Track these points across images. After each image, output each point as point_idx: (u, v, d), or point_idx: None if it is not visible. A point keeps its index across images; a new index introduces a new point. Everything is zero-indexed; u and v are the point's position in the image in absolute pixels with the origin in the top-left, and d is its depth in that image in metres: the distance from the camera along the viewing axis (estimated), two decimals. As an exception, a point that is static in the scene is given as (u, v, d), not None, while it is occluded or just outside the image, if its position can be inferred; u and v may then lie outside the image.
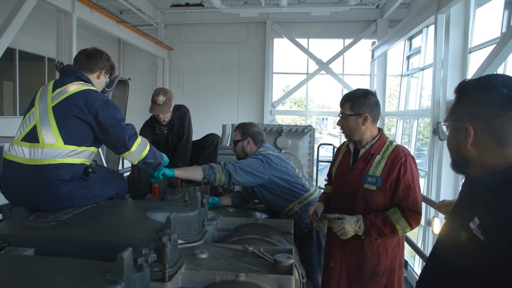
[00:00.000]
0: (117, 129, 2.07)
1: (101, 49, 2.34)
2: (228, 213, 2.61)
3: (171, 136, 3.68)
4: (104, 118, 2.03)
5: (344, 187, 2.39)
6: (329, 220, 2.20)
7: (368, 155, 2.32)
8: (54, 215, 1.73)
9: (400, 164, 2.21)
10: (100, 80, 2.31)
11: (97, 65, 2.25)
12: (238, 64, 13.78)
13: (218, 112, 13.64)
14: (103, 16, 9.69)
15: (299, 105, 17.85)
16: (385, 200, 2.25)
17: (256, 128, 3.09)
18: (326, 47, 13.55)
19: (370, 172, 2.27)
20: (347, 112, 2.33)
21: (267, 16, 13.07)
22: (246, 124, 3.11)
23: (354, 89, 2.41)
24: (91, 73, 2.25)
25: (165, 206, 1.85)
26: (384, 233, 2.18)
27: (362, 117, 2.28)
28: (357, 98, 2.31)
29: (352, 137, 2.36)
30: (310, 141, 6.38)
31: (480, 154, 1.17)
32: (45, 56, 10.55)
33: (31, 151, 1.94)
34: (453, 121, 1.24)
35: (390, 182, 2.23)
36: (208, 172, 2.63)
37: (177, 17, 13.47)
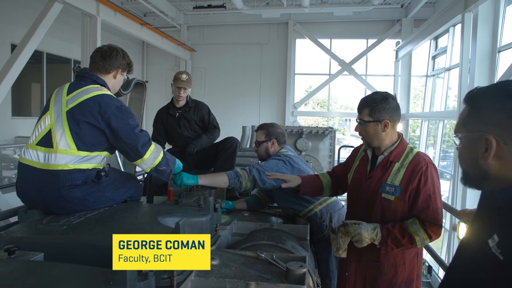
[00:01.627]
0: (130, 136, 2.03)
1: (117, 47, 2.28)
2: (243, 217, 2.57)
3: (183, 122, 3.83)
4: (117, 125, 2.00)
5: (360, 194, 2.27)
6: (345, 225, 2.11)
7: (386, 163, 2.20)
8: (67, 219, 1.73)
9: (421, 173, 2.09)
10: (117, 79, 2.27)
11: (113, 64, 2.19)
12: (260, 65, 13.77)
13: (240, 113, 13.66)
14: (127, 18, 9.84)
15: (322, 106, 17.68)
16: (403, 210, 2.14)
17: (280, 129, 3.05)
18: (349, 48, 13.36)
19: (388, 181, 2.16)
20: (365, 118, 2.19)
21: (289, 16, 13.00)
22: (270, 125, 3.06)
23: (373, 93, 2.27)
24: (106, 73, 2.20)
25: (177, 211, 1.82)
26: (402, 244, 2.08)
27: (383, 123, 2.15)
28: (376, 103, 2.17)
29: (371, 143, 2.24)
30: (330, 143, 6.29)
31: (501, 167, 1.07)
32: (71, 59, 10.83)
33: (45, 156, 1.94)
34: (468, 132, 1.13)
35: (409, 192, 2.11)
36: (234, 181, 2.58)
37: (199, 19, 13.57)
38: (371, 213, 2.18)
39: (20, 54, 7.00)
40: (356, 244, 2.08)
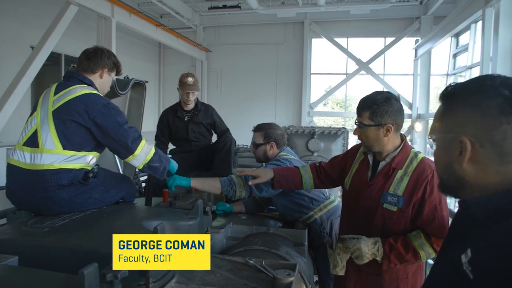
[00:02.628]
0: (119, 133, 2.00)
1: (103, 48, 2.30)
2: (239, 220, 2.49)
3: (192, 124, 3.73)
4: (104, 122, 1.97)
5: (359, 204, 2.09)
6: (343, 241, 1.96)
7: (388, 170, 2.02)
8: (52, 220, 1.70)
9: (426, 182, 1.92)
10: (104, 79, 2.25)
11: (97, 64, 2.19)
12: (276, 65, 13.66)
13: (256, 113, 13.57)
14: (142, 20, 9.90)
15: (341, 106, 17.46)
16: (406, 222, 1.98)
17: (279, 130, 2.94)
18: (366, 47, 13.11)
19: (390, 190, 1.98)
20: (366, 121, 2.01)
21: (305, 16, 12.84)
22: (269, 126, 2.94)
23: (374, 93, 2.07)
24: (92, 73, 2.20)
25: (165, 214, 1.77)
26: (406, 259, 1.91)
27: (385, 128, 1.98)
28: (378, 106, 1.98)
29: (372, 148, 2.07)
30: (343, 144, 6.13)
31: (477, 173, 0.94)
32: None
33: (31, 156, 1.92)
34: (442, 133, 1.01)
35: (413, 203, 1.94)
36: (227, 188, 2.48)
37: (215, 19, 13.57)
38: (370, 225, 2.02)
39: (37, 56, 7.12)
40: (356, 260, 1.93)
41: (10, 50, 8.13)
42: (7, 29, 8.16)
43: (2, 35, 8.07)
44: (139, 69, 13.14)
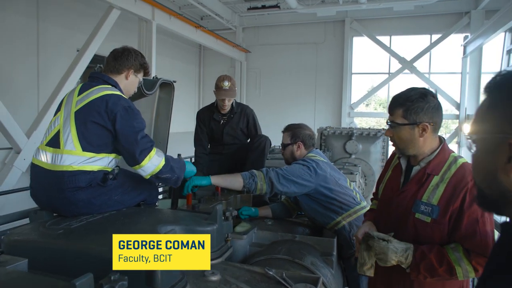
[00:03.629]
0: (129, 141, 1.93)
1: (131, 48, 2.24)
2: (265, 226, 2.37)
3: (227, 128, 3.61)
4: (120, 126, 1.92)
5: (390, 212, 1.89)
6: (370, 238, 1.76)
7: (423, 175, 1.81)
8: (69, 222, 1.68)
9: (466, 190, 1.68)
10: (130, 80, 2.20)
11: (123, 64, 2.15)
12: (316, 65, 13.43)
13: (295, 114, 13.40)
14: (182, 22, 10.05)
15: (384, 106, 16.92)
16: (441, 235, 1.74)
17: (308, 130, 2.81)
18: (411, 44, 12.56)
19: (424, 199, 1.76)
20: (398, 120, 1.81)
21: (346, 14, 12.52)
22: (297, 126, 2.83)
23: (408, 89, 1.86)
24: (118, 74, 2.16)
25: (183, 219, 1.70)
26: (438, 273, 1.67)
27: (420, 127, 1.77)
28: (412, 102, 1.77)
29: (406, 151, 1.85)
30: (383, 146, 5.87)
31: None
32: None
33: (53, 157, 1.91)
34: (486, 134, 0.83)
35: (450, 213, 1.71)
36: (249, 181, 2.39)
37: (254, 20, 13.56)
38: (401, 236, 1.79)
39: (81, 58, 7.39)
40: (379, 262, 1.73)
41: (58, 53, 8.51)
42: (55, 34, 8.55)
43: (51, 39, 8.46)
44: (179, 70, 13.40)
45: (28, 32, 8.04)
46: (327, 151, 5.61)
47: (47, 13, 8.37)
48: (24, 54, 7.99)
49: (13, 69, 7.65)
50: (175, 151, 3.69)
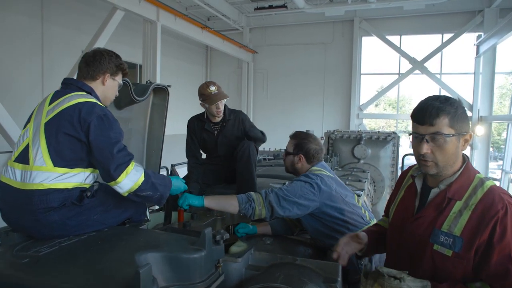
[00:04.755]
0: (104, 154, 1.73)
1: (103, 50, 2.04)
2: (263, 245, 2.16)
3: (221, 138, 3.35)
4: (93, 136, 1.73)
5: (403, 241, 1.61)
6: (379, 276, 1.49)
7: (442, 200, 1.51)
8: (39, 247, 1.51)
9: (496, 220, 1.39)
10: (107, 85, 2.00)
11: (97, 69, 1.95)
12: (324, 65, 13.21)
13: (302, 115, 13.25)
14: (187, 23, 9.92)
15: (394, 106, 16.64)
16: (465, 271, 1.46)
17: (314, 144, 2.53)
18: (421, 44, 12.26)
19: (444, 228, 1.48)
20: (445, 130, 1.47)
21: (355, 13, 12.26)
22: (303, 137, 2.57)
23: (429, 97, 1.57)
24: (93, 80, 1.96)
25: (168, 243, 1.51)
26: None
27: (463, 139, 1.48)
28: (456, 109, 1.47)
29: (447, 167, 1.53)
30: (393, 151, 5.63)
31: None
32: (137, 64, 11.19)
33: (22, 174, 1.73)
34: None
35: (476, 247, 1.42)
36: (245, 206, 2.17)
37: (261, 20, 13.40)
38: (416, 270, 1.52)
39: (84, 60, 7.29)
40: None
41: (63, 53, 8.43)
42: (60, 34, 8.46)
43: (56, 40, 8.37)
44: (185, 71, 13.27)
45: (32, 32, 7.96)
46: (334, 156, 5.40)
47: (51, 13, 8.29)
48: (28, 54, 7.91)
49: (17, 69, 7.57)
50: (180, 153, 3.51)
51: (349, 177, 4.35)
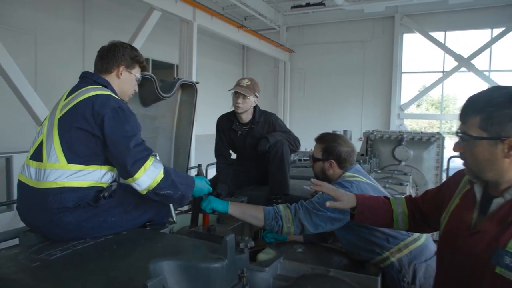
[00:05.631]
0: (119, 148, 1.63)
1: (119, 42, 1.96)
2: (293, 254, 1.98)
3: (249, 140, 3.17)
4: (109, 130, 1.63)
5: (456, 258, 1.36)
6: None
7: (508, 213, 1.24)
8: (52, 250, 1.43)
9: None
10: (122, 78, 1.91)
11: (111, 62, 1.87)
12: (363, 64, 12.81)
13: (340, 115, 12.92)
14: (223, 22, 9.89)
15: (437, 107, 15.92)
16: None
17: (345, 146, 2.29)
18: (468, 40, 11.59)
19: (510, 247, 1.19)
20: (473, 131, 1.27)
21: (396, 9, 11.79)
22: (332, 139, 2.31)
23: (490, 89, 1.34)
24: (108, 73, 1.89)
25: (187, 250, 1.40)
26: None
27: (506, 144, 1.22)
28: (496, 108, 1.23)
29: (481, 175, 1.32)
30: (438, 153, 5.28)
31: None
32: (174, 64, 11.32)
33: (36, 172, 1.66)
34: None
35: None
36: (271, 222, 1.99)
37: (298, 19, 13.21)
38: None
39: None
40: None
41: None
42: (100, 36, 8.66)
43: (96, 42, 8.56)
44: (222, 71, 13.30)
45: (75, 35, 8.23)
46: (373, 157, 5.13)
47: (92, 16, 8.54)
48: (71, 57, 8.16)
49: (60, 71, 7.81)
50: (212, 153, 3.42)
51: (389, 180, 4.09)
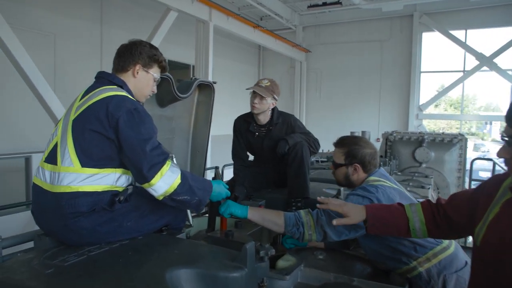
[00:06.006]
0: (135, 152, 1.57)
1: (139, 40, 1.90)
2: (315, 261, 1.89)
3: (267, 142, 3.08)
4: (124, 132, 1.58)
5: (499, 274, 1.24)
6: None
7: None
8: (67, 256, 1.39)
9: None
10: (139, 77, 1.84)
11: (128, 60, 1.81)
12: (380, 63, 12.60)
13: (358, 116, 12.74)
14: (239, 22, 9.86)
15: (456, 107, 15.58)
16: None
17: (368, 148, 2.17)
18: (490, 38, 11.27)
19: None
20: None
21: (414, 7, 11.54)
22: (353, 142, 2.19)
23: None
24: (124, 71, 1.83)
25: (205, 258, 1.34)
26: None
27: None
28: None
29: None
30: (460, 154, 5.12)
31: None
32: (191, 64, 11.34)
33: (51, 175, 1.62)
34: None
35: None
36: (292, 229, 1.92)
37: (314, 18, 13.08)
38: None
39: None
40: None
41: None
42: (117, 37, 8.72)
43: (114, 42, 8.63)
44: (238, 71, 13.28)
45: (92, 35, 8.32)
46: (393, 159, 5.00)
47: (110, 17, 8.62)
48: (89, 57, 8.25)
49: (77, 71, 7.89)
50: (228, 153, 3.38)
51: (410, 182, 3.97)
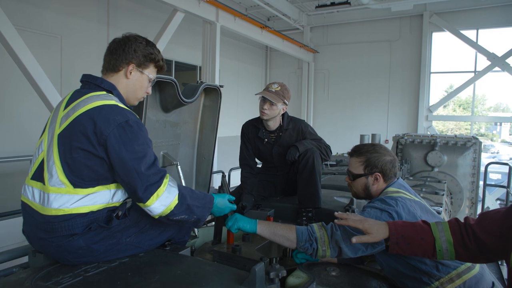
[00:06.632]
0: (129, 173, 1.42)
1: (135, 35, 1.66)
2: (327, 278, 1.78)
3: (276, 148, 2.97)
4: (115, 151, 1.40)
5: None
6: None
7: None
8: (61, 277, 1.30)
9: None
10: (132, 79, 1.62)
11: (120, 57, 1.59)
12: (389, 64, 12.44)
13: (366, 117, 12.59)
14: (247, 23, 9.78)
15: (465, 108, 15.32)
16: None
17: (388, 155, 2.03)
18: (503, 38, 11.06)
19: None
20: None
21: (424, 7, 11.37)
22: (371, 150, 2.03)
23: None
24: (115, 71, 1.61)
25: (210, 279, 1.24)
26: None
27: None
28: None
29: None
30: (474, 158, 4.97)
31: None
32: (197, 66, 11.28)
33: (41, 195, 1.47)
34: None
35: None
36: (304, 245, 1.79)
37: (322, 19, 12.96)
38: None
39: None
40: None
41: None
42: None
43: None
44: (245, 72, 13.20)
45: (99, 38, 8.29)
46: (404, 163, 4.87)
47: (117, 18, 8.58)
48: (95, 59, 8.20)
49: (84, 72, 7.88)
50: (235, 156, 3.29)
51: (423, 188, 3.84)
